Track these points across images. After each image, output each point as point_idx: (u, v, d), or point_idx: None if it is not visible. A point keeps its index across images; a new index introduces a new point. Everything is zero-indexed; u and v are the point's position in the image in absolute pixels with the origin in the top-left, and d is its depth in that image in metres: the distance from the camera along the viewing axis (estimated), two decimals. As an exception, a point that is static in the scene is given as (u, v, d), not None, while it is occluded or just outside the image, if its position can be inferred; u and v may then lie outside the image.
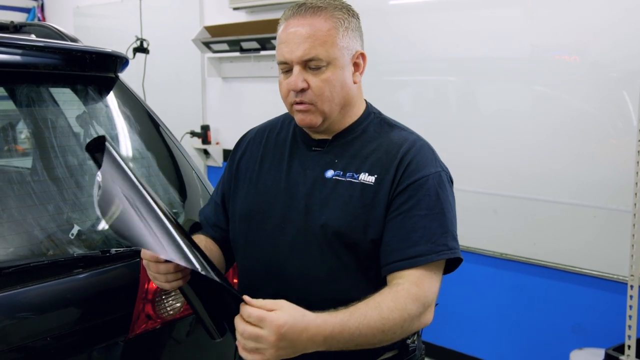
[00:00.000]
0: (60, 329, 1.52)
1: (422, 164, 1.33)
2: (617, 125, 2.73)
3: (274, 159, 1.45)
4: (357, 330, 1.17)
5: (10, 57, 1.70)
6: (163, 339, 1.79)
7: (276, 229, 1.37)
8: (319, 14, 1.31)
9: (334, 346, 1.16)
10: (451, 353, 3.42)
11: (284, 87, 1.35)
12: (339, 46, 1.32)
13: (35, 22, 2.44)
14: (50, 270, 1.53)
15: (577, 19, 2.80)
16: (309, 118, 1.34)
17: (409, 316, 1.22)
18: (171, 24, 4.84)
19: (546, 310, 3.05)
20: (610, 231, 2.73)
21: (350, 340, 1.17)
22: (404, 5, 3.46)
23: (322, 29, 1.30)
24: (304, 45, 1.29)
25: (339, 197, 1.32)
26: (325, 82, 1.31)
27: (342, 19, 1.33)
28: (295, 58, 1.30)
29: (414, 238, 1.27)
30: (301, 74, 1.30)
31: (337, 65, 1.32)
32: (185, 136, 4.56)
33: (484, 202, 3.15)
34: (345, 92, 1.35)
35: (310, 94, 1.31)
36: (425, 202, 1.29)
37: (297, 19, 1.32)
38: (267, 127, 1.54)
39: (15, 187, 1.65)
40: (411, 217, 1.28)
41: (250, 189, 1.45)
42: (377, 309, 1.19)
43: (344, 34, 1.33)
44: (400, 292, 1.23)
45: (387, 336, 1.21)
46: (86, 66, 1.89)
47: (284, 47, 1.32)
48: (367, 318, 1.18)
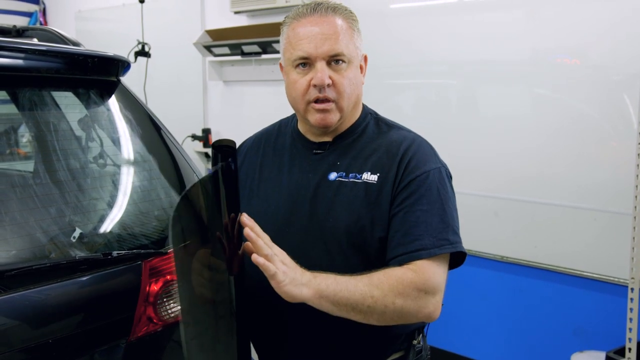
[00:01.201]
0: (62, 331, 1.52)
1: (423, 160, 1.35)
2: (617, 128, 2.74)
3: (273, 165, 1.46)
4: (345, 284, 1.20)
5: (12, 61, 1.71)
6: (164, 342, 1.79)
7: (280, 234, 1.37)
8: (338, 13, 1.35)
9: (324, 292, 1.19)
10: (452, 356, 3.42)
11: (301, 84, 1.34)
12: (355, 46, 1.36)
13: (37, 26, 2.45)
14: (52, 273, 1.53)
15: (577, 22, 2.80)
16: (330, 117, 1.34)
17: (399, 293, 1.22)
18: (173, 27, 4.85)
19: (547, 313, 3.05)
20: (611, 234, 2.73)
21: (338, 292, 1.19)
22: (405, 8, 3.46)
23: (344, 27, 1.34)
24: (329, 41, 1.31)
25: (344, 198, 1.33)
26: (347, 79, 1.33)
27: (354, 20, 1.38)
28: (322, 53, 1.31)
29: (416, 233, 1.28)
30: (326, 69, 1.31)
31: (354, 64, 1.36)
32: (186, 139, 4.56)
33: (485, 204, 3.15)
34: (359, 91, 1.39)
35: (332, 90, 1.33)
36: (427, 198, 1.31)
37: (315, 17, 1.33)
38: (263, 135, 1.55)
39: (17, 190, 1.65)
40: (413, 212, 1.30)
41: (252, 197, 1.45)
42: (367, 277, 1.23)
43: (357, 35, 1.38)
44: (394, 271, 1.26)
45: (378, 305, 1.21)
46: (88, 70, 1.89)
47: (305, 43, 1.31)
48: (356, 279, 1.22)
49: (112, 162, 1.94)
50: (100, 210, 1.79)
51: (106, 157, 1.93)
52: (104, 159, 1.93)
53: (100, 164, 1.92)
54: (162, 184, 1.93)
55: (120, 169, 1.96)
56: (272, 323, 1.41)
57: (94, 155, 1.92)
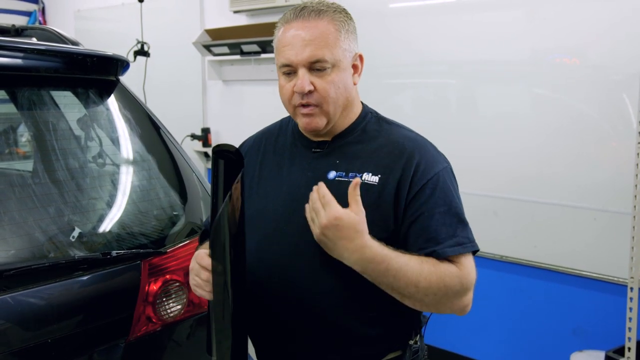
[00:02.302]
0: (60, 331, 1.52)
1: (431, 162, 1.36)
2: (617, 127, 2.74)
3: (273, 164, 1.47)
4: (394, 271, 1.24)
5: (11, 61, 1.71)
6: (163, 342, 1.79)
7: (278, 232, 1.38)
8: (322, 17, 1.33)
9: (368, 271, 1.26)
10: (452, 355, 3.42)
11: (286, 90, 1.35)
12: (342, 48, 1.34)
13: (36, 26, 2.45)
14: (51, 273, 1.53)
15: (577, 21, 2.80)
16: (315, 121, 1.35)
17: (445, 287, 1.27)
18: (172, 27, 4.84)
19: (546, 313, 3.05)
20: (611, 233, 2.73)
21: (383, 276, 1.25)
22: (404, 8, 3.46)
23: (326, 32, 1.32)
24: (310, 47, 1.31)
25: (342, 198, 1.33)
26: (330, 83, 1.33)
27: (343, 21, 1.36)
28: (302, 60, 1.31)
29: (439, 237, 1.31)
30: (307, 76, 1.32)
31: (340, 67, 1.34)
32: (185, 139, 4.56)
33: (485, 204, 3.15)
34: (347, 94, 1.37)
35: (316, 95, 1.33)
36: (442, 199, 1.33)
37: (299, 22, 1.33)
38: (263, 134, 1.56)
39: (16, 190, 1.65)
40: (432, 215, 1.32)
41: (252, 195, 1.45)
42: (419, 264, 1.27)
43: (345, 36, 1.35)
44: (441, 264, 1.29)
45: (420, 293, 1.26)
46: (87, 69, 1.89)
47: (289, 50, 1.33)
48: (408, 266, 1.25)
49: (111, 162, 1.94)
50: (100, 209, 1.79)
51: (105, 156, 1.93)
52: (103, 159, 1.93)
53: (99, 163, 1.92)
54: (162, 183, 1.93)
55: (119, 168, 1.96)
56: (270, 322, 1.41)
57: (93, 155, 1.92)
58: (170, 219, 1.89)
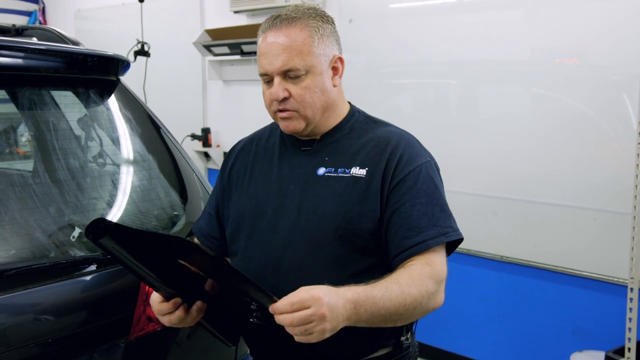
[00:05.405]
0: (61, 331, 1.52)
1: (414, 154, 1.40)
2: (617, 128, 2.74)
3: (264, 163, 1.50)
4: (381, 300, 1.22)
5: (12, 60, 1.71)
6: (163, 342, 1.79)
7: (269, 229, 1.41)
8: (294, 24, 1.37)
9: (362, 316, 1.21)
10: (451, 356, 3.42)
11: (266, 96, 1.41)
12: (315, 54, 1.37)
13: (36, 25, 2.45)
14: (51, 273, 1.53)
15: (577, 22, 2.80)
16: (293, 124, 1.40)
17: (426, 292, 1.27)
18: (172, 27, 4.85)
19: (546, 313, 3.05)
20: (610, 234, 2.73)
21: (375, 310, 1.22)
22: (404, 9, 3.47)
23: (298, 40, 1.36)
24: (281, 56, 1.35)
25: (332, 192, 1.37)
26: (305, 89, 1.37)
27: (316, 27, 1.38)
28: (275, 69, 1.36)
29: (421, 225, 1.33)
30: (282, 84, 1.37)
31: (315, 72, 1.37)
32: (186, 139, 4.56)
33: (484, 204, 3.15)
34: (326, 97, 1.41)
35: (292, 101, 1.37)
36: (424, 190, 1.36)
37: (273, 31, 1.37)
38: (255, 136, 1.60)
39: (16, 190, 1.65)
40: (414, 205, 1.34)
41: (242, 193, 1.50)
42: (396, 283, 1.25)
43: (319, 41, 1.38)
44: (414, 270, 1.29)
45: (408, 311, 1.26)
46: (87, 69, 1.89)
47: (264, 59, 1.38)
48: (388, 290, 1.23)
49: (111, 162, 1.94)
50: (100, 209, 1.79)
51: (105, 156, 1.94)
52: (103, 159, 1.93)
53: (99, 163, 1.93)
54: (162, 183, 1.93)
55: (119, 168, 1.96)
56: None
57: (94, 155, 1.93)
58: (171, 219, 1.90)
